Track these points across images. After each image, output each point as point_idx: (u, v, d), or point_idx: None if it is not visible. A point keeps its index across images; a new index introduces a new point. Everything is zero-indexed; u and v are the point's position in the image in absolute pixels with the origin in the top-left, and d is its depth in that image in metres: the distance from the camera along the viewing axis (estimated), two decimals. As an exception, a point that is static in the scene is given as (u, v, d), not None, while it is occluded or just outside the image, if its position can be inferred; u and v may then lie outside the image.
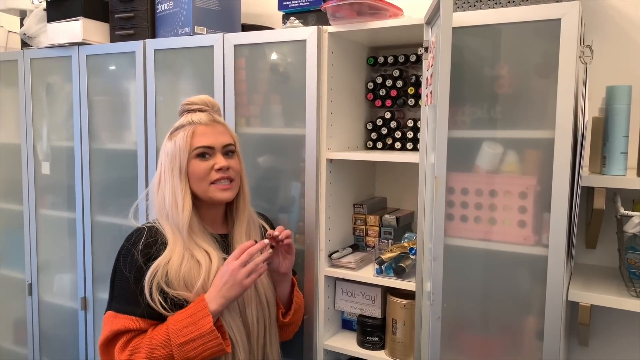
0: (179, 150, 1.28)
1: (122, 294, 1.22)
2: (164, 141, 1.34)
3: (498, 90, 1.28)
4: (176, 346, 1.14)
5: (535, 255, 1.25)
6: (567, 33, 1.16)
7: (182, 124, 1.31)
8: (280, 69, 1.61)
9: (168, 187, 1.28)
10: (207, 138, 1.29)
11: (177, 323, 1.17)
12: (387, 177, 1.87)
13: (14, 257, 2.32)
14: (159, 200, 1.30)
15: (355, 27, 1.48)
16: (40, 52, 2.09)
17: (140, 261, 1.22)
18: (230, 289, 1.18)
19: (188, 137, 1.28)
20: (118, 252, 1.27)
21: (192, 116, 1.32)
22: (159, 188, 1.31)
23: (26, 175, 2.19)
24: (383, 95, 1.73)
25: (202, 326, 1.15)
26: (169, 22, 1.80)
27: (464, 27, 1.27)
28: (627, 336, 1.53)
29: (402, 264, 1.48)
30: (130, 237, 1.28)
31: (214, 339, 1.16)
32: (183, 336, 1.15)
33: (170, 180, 1.28)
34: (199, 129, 1.30)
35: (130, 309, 1.20)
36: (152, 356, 1.15)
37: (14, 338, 2.43)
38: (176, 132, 1.31)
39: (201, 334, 1.15)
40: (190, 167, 1.28)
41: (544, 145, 1.22)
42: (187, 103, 1.35)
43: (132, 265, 1.22)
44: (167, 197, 1.28)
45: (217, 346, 1.17)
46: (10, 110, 2.28)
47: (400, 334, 1.51)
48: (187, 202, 1.28)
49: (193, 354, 1.15)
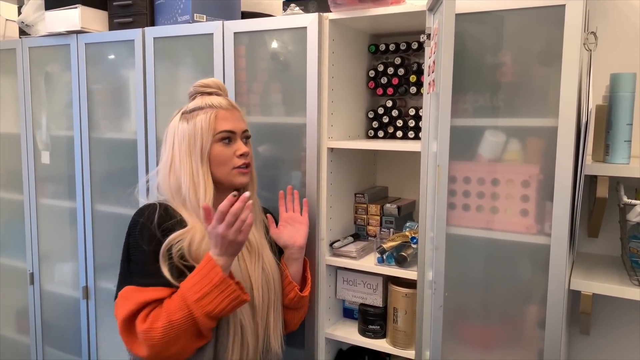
0: (200, 132, 1.26)
1: (142, 267, 1.20)
2: (174, 122, 1.31)
3: (501, 78, 1.26)
4: (192, 303, 1.13)
5: (538, 244, 1.24)
6: (572, 19, 1.15)
7: (200, 106, 1.29)
8: (280, 57, 1.59)
9: (185, 169, 1.26)
10: (229, 123, 1.30)
11: (187, 283, 1.16)
12: (389, 166, 1.86)
13: (15, 246, 2.32)
14: (173, 184, 1.27)
15: (357, 14, 1.47)
16: (39, 40, 2.07)
17: (158, 234, 1.20)
18: (227, 249, 1.16)
19: (211, 120, 1.27)
20: (130, 227, 1.24)
21: (210, 99, 1.30)
22: (171, 170, 1.28)
23: (26, 164, 2.19)
24: (384, 84, 1.72)
25: (213, 277, 1.14)
26: (168, 9, 1.78)
27: (466, 13, 1.26)
28: (628, 325, 1.53)
29: (404, 253, 1.48)
30: (142, 212, 1.25)
31: (228, 286, 1.14)
32: (196, 292, 1.13)
33: (187, 163, 1.26)
34: (220, 112, 1.29)
35: (153, 281, 1.18)
36: (171, 320, 1.13)
37: (16, 327, 2.44)
38: (193, 113, 1.28)
39: (215, 284, 1.13)
40: (212, 151, 1.27)
41: (547, 133, 1.20)
42: (201, 85, 1.33)
43: (149, 238, 1.20)
44: (185, 180, 1.25)
45: (234, 293, 1.15)
46: (9, 100, 2.26)
47: (401, 322, 1.51)
48: (209, 186, 1.26)
49: (212, 307, 1.13)
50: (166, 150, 1.31)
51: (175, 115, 1.34)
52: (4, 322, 2.48)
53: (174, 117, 1.33)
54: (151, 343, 1.13)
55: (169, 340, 1.13)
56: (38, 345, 2.28)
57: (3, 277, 2.43)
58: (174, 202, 1.27)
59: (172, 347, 1.14)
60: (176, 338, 1.13)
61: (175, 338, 1.13)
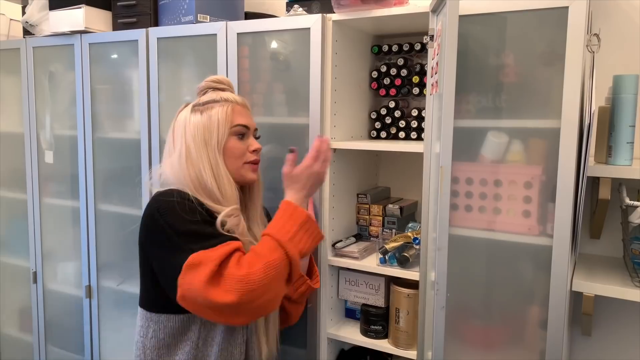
0: (217, 124, 1.26)
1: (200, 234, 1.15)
2: (184, 115, 1.30)
3: (503, 79, 1.27)
4: (286, 242, 1.15)
5: (540, 245, 1.25)
6: (575, 21, 1.15)
7: (215, 99, 1.29)
8: (283, 58, 1.60)
9: (204, 160, 1.25)
10: (245, 118, 1.31)
11: (274, 227, 1.19)
12: (391, 167, 1.87)
13: (18, 245, 2.33)
14: (192, 174, 1.24)
15: (360, 14, 1.47)
16: (43, 40, 2.07)
17: (199, 209, 1.19)
18: (313, 186, 1.29)
19: (228, 113, 1.28)
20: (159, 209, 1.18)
21: (224, 94, 1.31)
22: (187, 161, 1.25)
23: (29, 164, 2.20)
24: (387, 84, 1.72)
25: (298, 218, 1.20)
26: (171, 10, 1.79)
27: (469, 15, 1.26)
28: (630, 326, 1.53)
29: (406, 254, 1.48)
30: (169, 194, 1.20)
31: (312, 224, 1.22)
32: (287, 232, 1.17)
33: (205, 154, 1.25)
34: (237, 107, 1.30)
35: (220, 240, 1.15)
36: (268, 261, 1.12)
37: (19, 325, 2.45)
38: (208, 105, 1.28)
39: (301, 224, 1.20)
40: (227, 144, 1.27)
41: (550, 134, 1.21)
42: (214, 81, 1.34)
43: (192, 211, 1.17)
44: (207, 172, 1.24)
45: (317, 230, 1.23)
46: (13, 99, 2.27)
47: (403, 323, 1.51)
48: (231, 180, 1.28)
49: (302, 244, 1.19)
50: (178, 142, 1.29)
51: (183, 108, 1.33)
52: (7, 320, 2.49)
53: (183, 110, 1.32)
54: (250, 287, 1.08)
55: (268, 283, 1.11)
56: (41, 344, 2.29)
57: (6, 276, 2.44)
58: (195, 192, 1.24)
59: (268, 292, 1.12)
60: (273, 281, 1.12)
61: (272, 281, 1.12)
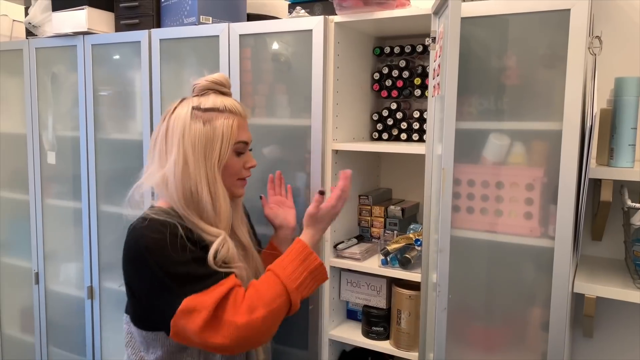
0: (220, 139, 1.18)
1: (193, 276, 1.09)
2: (182, 117, 1.19)
3: (505, 82, 1.27)
4: (293, 290, 1.14)
5: (542, 247, 1.25)
6: (577, 23, 1.15)
7: (218, 108, 1.20)
8: (286, 59, 1.60)
9: (202, 175, 1.17)
10: (246, 132, 1.25)
11: (286, 269, 1.15)
12: (393, 168, 1.87)
13: (20, 246, 2.33)
14: (187, 188, 1.16)
15: (362, 16, 1.47)
16: (46, 41, 2.08)
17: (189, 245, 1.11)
18: (328, 224, 1.29)
19: (234, 129, 1.20)
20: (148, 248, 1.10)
21: (226, 101, 1.22)
22: (183, 172, 1.16)
23: (32, 165, 2.20)
24: (389, 86, 1.72)
25: (310, 264, 1.18)
26: (174, 11, 1.79)
27: (471, 17, 1.26)
28: (631, 328, 1.53)
29: (408, 255, 1.48)
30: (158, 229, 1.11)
31: (321, 271, 1.20)
32: (296, 279, 1.15)
33: (203, 168, 1.17)
34: (240, 121, 1.23)
35: (213, 280, 1.10)
36: (272, 308, 1.10)
37: (21, 326, 2.45)
38: (211, 114, 1.19)
39: (311, 270, 1.18)
40: (227, 160, 1.21)
41: (552, 136, 1.21)
42: (217, 83, 1.24)
43: (183, 249, 1.10)
44: (203, 189, 1.16)
45: (324, 276, 1.21)
46: (15, 100, 2.28)
47: (405, 324, 1.51)
48: (227, 198, 1.21)
49: (306, 292, 1.18)
50: (174, 147, 1.18)
51: (180, 105, 1.22)
52: (8, 321, 2.49)
53: (180, 109, 1.21)
54: (249, 334, 1.07)
55: (267, 330, 1.10)
56: (43, 344, 2.29)
57: (8, 277, 2.44)
58: (185, 209, 1.16)
59: (265, 335, 1.11)
60: (273, 326, 1.12)
61: (272, 326, 1.12)
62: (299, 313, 1.60)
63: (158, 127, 1.24)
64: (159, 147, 1.22)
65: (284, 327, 1.66)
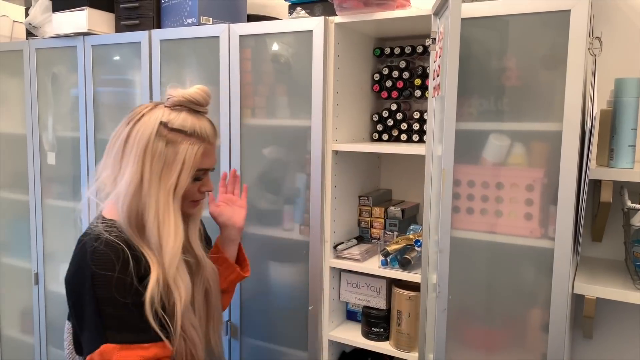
0: (180, 166, 1.07)
1: (124, 322, 1.03)
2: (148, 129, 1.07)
3: (505, 82, 1.27)
4: None
5: (542, 248, 1.25)
6: (577, 24, 1.15)
7: (186, 131, 1.08)
8: (286, 60, 1.60)
9: (152, 199, 1.06)
10: (210, 160, 1.14)
11: None
12: (393, 169, 1.87)
13: (20, 246, 2.33)
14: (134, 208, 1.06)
15: (362, 17, 1.47)
16: (46, 42, 2.08)
17: (136, 284, 1.03)
18: None
19: (197, 157, 1.09)
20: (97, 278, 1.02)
21: (199, 124, 1.10)
22: (135, 191, 1.06)
23: (32, 165, 2.20)
24: (389, 87, 1.72)
25: None
26: (174, 12, 1.80)
27: (471, 18, 1.26)
28: (631, 329, 1.53)
29: (408, 256, 1.48)
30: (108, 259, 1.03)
31: None
32: None
33: (155, 191, 1.06)
34: (207, 148, 1.11)
35: (141, 338, 1.03)
36: None
37: (20, 327, 2.45)
38: (176, 135, 1.07)
39: None
40: None
41: (552, 137, 1.21)
42: (191, 101, 1.10)
43: (129, 290, 1.03)
44: (150, 213, 1.06)
45: None
46: (15, 101, 2.28)
47: (405, 325, 1.51)
48: (179, 229, 1.09)
49: None
50: (131, 159, 1.07)
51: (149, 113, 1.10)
52: (8, 322, 2.49)
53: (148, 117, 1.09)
54: None
55: None
56: (42, 345, 2.29)
57: (8, 277, 2.44)
58: (130, 230, 1.07)
59: None
60: None
61: None
62: (299, 314, 1.61)
63: (121, 128, 1.12)
64: (115, 152, 1.11)
65: (284, 328, 1.66)
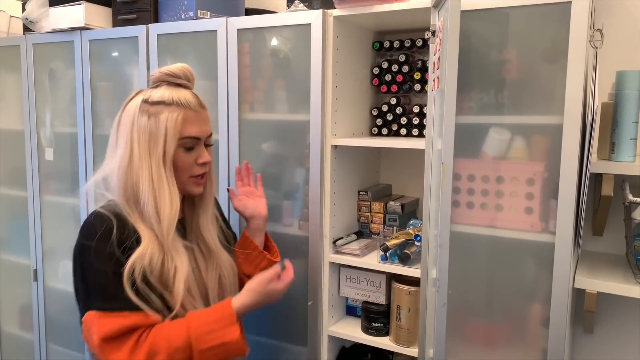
0: (164, 134, 1.12)
1: (103, 289, 1.08)
2: (132, 109, 1.16)
3: (506, 76, 1.26)
4: (198, 352, 1.08)
5: (542, 242, 1.24)
6: (578, 16, 1.14)
7: (165, 101, 1.14)
8: (284, 54, 1.59)
9: (144, 171, 1.12)
10: (196, 127, 1.17)
11: (200, 327, 1.10)
12: (392, 164, 1.86)
13: (19, 243, 2.33)
14: (130, 184, 1.13)
15: (361, 10, 1.46)
16: (43, 37, 2.07)
17: (117, 253, 1.08)
18: (264, 304, 1.21)
19: (178, 123, 1.13)
20: (82, 247, 1.11)
21: (177, 93, 1.15)
22: (129, 167, 1.13)
23: (30, 161, 2.19)
24: (389, 81, 1.71)
25: (227, 334, 1.10)
26: (171, 6, 1.78)
27: (471, 10, 1.25)
28: (632, 323, 1.52)
29: (407, 251, 1.48)
30: (92, 229, 1.09)
31: (239, 347, 1.12)
32: (207, 342, 1.09)
33: (146, 163, 1.12)
34: (188, 114, 1.15)
35: (118, 305, 1.07)
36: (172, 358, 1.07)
37: (20, 323, 2.45)
38: (157, 107, 1.13)
39: (225, 342, 1.10)
40: (174, 156, 1.15)
41: (552, 131, 1.20)
42: (169, 73, 1.17)
43: (108, 257, 1.08)
44: (144, 185, 1.12)
45: (239, 351, 1.13)
46: (13, 96, 2.27)
47: (404, 320, 1.51)
48: (175, 195, 1.14)
49: (212, 358, 1.11)
50: (121, 142, 1.15)
51: (134, 97, 1.18)
52: (7, 318, 2.48)
53: (133, 101, 1.18)
54: None
55: None
56: (42, 341, 2.29)
57: (7, 274, 2.44)
58: (126, 206, 1.14)
59: None
60: None
61: None
62: (298, 309, 1.61)
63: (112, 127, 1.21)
64: (111, 140, 1.20)
65: (283, 323, 1.66)
